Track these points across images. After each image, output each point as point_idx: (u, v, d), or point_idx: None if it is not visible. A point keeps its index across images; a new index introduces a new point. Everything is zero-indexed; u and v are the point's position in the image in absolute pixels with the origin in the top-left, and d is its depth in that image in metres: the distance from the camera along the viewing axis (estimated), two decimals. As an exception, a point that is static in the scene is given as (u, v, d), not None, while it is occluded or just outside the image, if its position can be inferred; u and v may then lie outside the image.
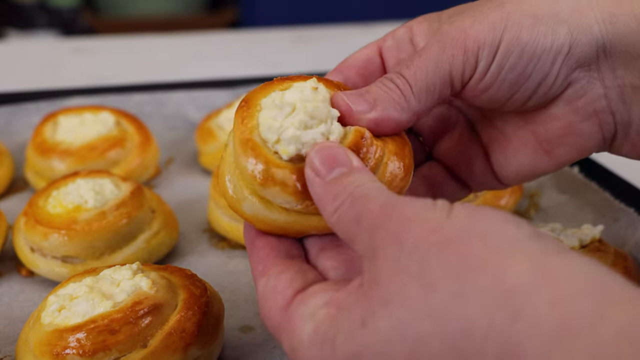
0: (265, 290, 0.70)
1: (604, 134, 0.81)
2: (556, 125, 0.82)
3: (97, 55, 2.15)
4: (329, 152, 0.69)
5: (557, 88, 0.79)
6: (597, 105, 0.80)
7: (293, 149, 0.70)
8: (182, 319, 0.84)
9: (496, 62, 0.77)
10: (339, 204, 0.65)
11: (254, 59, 2.14)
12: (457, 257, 0.56)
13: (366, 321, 0.59)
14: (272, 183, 0.70)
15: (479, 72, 0.77)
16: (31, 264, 1.06)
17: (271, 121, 0.72)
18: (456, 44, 0.77)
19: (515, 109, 0.82)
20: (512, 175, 0.86)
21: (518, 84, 0.78)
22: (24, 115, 1.51)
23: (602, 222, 1.15)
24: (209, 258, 1.14)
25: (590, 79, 0.79)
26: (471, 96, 0.80)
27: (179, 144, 1.51)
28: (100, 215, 1.05)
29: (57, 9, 3.49)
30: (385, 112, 0.75)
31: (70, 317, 0.83)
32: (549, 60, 0.77)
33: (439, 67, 0.76)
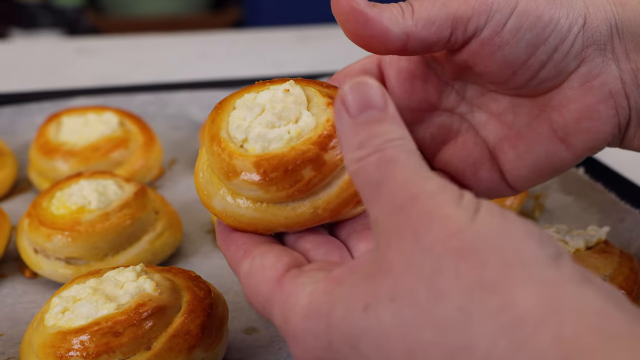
0: (250, 270, 0.69)
1: (620, 119, 0.80)
2: (572, 109, 0.80)
3: (101, 55, 2.15)
4: (366, 90, 0.64)
5: (572, 59, 0.78)
6: (613, 87, 0.79)
7: (260, 147, 0.71)
8: (186, 321, 0.84)
9: (514, 19, 0.76)
10: (363, 154, 0.62)
11: (257, 59, 2.13)
12: (471, 271, 0.55)
13: (369, 307, 0.58)
14: (235, 174, 0.71)
15: (493, 25, 0.76)
16: (35, 265, 1.06)
17: (240, 120, 0.73)
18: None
19: (528, 79, 0.80)
20: (526, 172, 0.83)
21: (536, 45, 0.77)
22: (27, 116, 1.51)
23: (607, 223, 1.15)
24: (213, 259, 1.14)
25: (605, 59, 0.79)
26: (486, 53, 0.78)
27: (183, 144, 1.51)
28: (103, 216, 1.05)
29: (61, 8, 3.49)
30: (378, 15, 0.73)
31: (74, 319, 0.83)
32: (566, 27, 0.77)
33: (446, 4, 0.75)
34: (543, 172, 0.83)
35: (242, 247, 0.72)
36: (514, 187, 0.86)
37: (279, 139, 0.71)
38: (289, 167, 0.69)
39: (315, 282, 0.63)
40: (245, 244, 0.72)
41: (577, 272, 0.55)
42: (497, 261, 0.55)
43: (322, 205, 0.71)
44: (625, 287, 0.92)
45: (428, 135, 0.87)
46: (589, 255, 0.96)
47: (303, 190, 0.70)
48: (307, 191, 0.71)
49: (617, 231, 1.14)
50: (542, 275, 0.54)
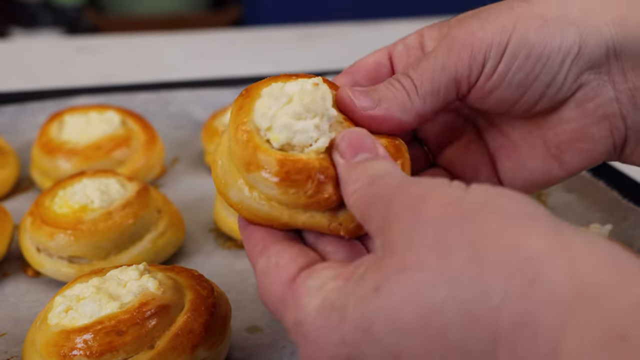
0: (266, 268, 0.69)
1: (615, 140, 0.81)
2: (566, 129, 0.81)
3: (101, 54, 2.15)
4: (357, 137, 0.70)
5: (567, 90, 0.79)
6: (608, 109, 0.79)
7: (284, 137, 0.70)
8: (189, 319, 0.84)
9: (503, 62, 0.76)
10: (358, 186, 0.66)
11: (258, 58, 2.13)
12: (474, 227, 0.56)
13: (380, 287, 0.58)
14: (256, 168, 0.70)
15: (486, 72, 0.77)
16: (37, 264, 1.06)
17: (266, 109, 0.72)
18: (463, 45, 0.77)
19: (524, 112, 0.81)
20: (519, 183, 0.85)
21: (526, 85, 0.78)
22: (29, 115, 1.51)
23: (609, 222, 1.15)
24: (215, 258, 1.14)
25: (601, 81, 0.79)
26: (478, 98, 0.79)
27: (185, 143, 1.51)
28: (106, 215, 1.05)
29: (61, 7, 3.49)
30: (389, 111, 0.75)
31: (77, 318, 0.83)
32: (558, 61, 0.77)
33: (445, 69, 0.77)
34: (536, 184, 0.85)
35: (261, 242, 0.72)
36: None
37: (303, 131, 0.71)
38: (313, 175, 0.69)
39: (327, 281, 0.64)
40: (264, 239, 0.72)
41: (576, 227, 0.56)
42: (497, 217, 0.56)
43: (342, 223, 0.71)
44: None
45: (434, 133, 0.88)
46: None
47: (322, 203, 0.70)
48: (325, 206, 0.70)
49: (619, 229, 1.14)
50: (545, 224, 0.55)
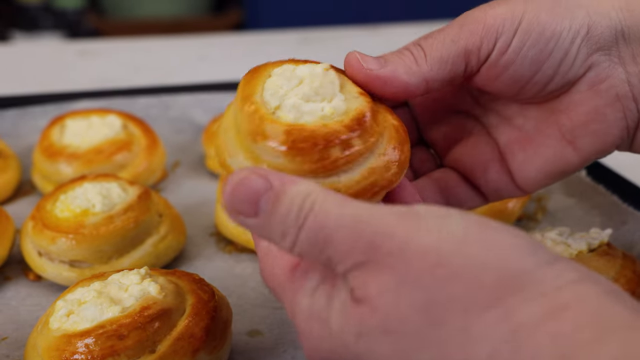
0: (269, 249, 0.69)
1: (628, 122, 0.81)
2: (580, 112, 0.81)
3: (102, 58, 2.15)
4: (242, 185, 0.62)
5: (578, 68, 0.80)
6: (619, 90, 0.80)
7: (292, 116, 0.72)
8: (190, 324, 0.84)
9: (517, 38, 0.77)
10: (292, 239, 0.61)
11: (259, 61, 2.12)
12: (465, 294, 0.55)
13: (362, 336, 0.59)
14: (262, 137, 0.71)
15: (499, 47, 0.78)
16: (39, 268, 1.06)
17: (277, 88, 0.74)
18: (475, 21, 0.78)
19: (536, 92, 0.81)
20: (534, 174, 0.84)
21: (540, 61, 0.79)
22: (30, 119, 1.51)
23: (609, 226, 1.15)
24: (216, 262, 1.14)
25: (612, 63, 0.80)
26: (491, 76, 0.80)
27: (186, 147, 1.51)
28: (107, 219, 1.05)
29: (62, 10, 3.49)
30: (395, 72, 0.76)
31: (79, 322, 0.83)
32: (569, 39, 0.78)
33: (456, 40, 0.77)
34: (551, 174, 0.84)
35: None
36: (522, 188, 0.86)
37: (311, 113, 0.72)
38: (319, 142, 0.70)
39: (316, 285, 0.64)
40: None
41: (575, 271, 0.56)
42: (491, 279, 0.55)
43: (342, 188, 0.72)
44: (627, 290, 0.93)
45: (442, 134, 0.89)
46: (591, 258, 0.96)
47: (328, 167, 0.71)
48: (331, 170, 0.71)
49: (619, 233, 1.14)
50: (541, 280, 0.54)
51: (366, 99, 0.75)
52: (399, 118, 0.78)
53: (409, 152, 0.76)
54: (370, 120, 0.73)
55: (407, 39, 0.86)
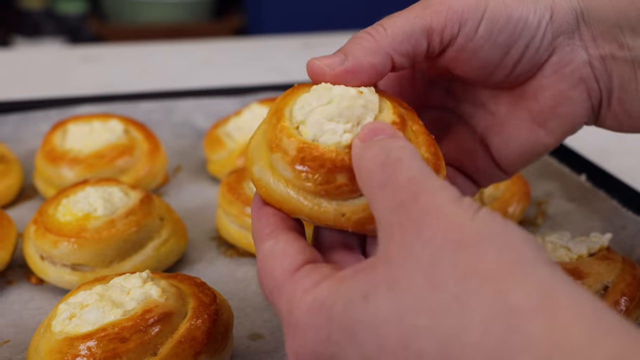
0: (272, 251, 0.70)
1: (592, 102, 0.84)
2: (547, 96, 0.84)
3: (104, 63, 2.15)
4: (377, 125, 0.70)
5: (544, 52, 0.82)
6: (583, 72, 0.83)
7: (312, 133, 0.72)
8: (191, 327, 0.85)
9: (484, 23, 0.79)
10: (372, 154, 0.67)
11: (261, 66, 2.14)
12: (469, 261, 0.56)
13: (368, 296, 0.59)
14: (277, 149, 0.73)
15: (466, 33, 0.79)
16: (41, 271, 1.07)
17: (306, 103, 0.74)
18: (440, 2, 0.79)
19: (505, 76, 0.83)
20: (513, 157, 0.87)
21: (508, 46, 0.80)
22: (32, 124, 1.52)
23: (609, 230, 1.15)
24: (218, 266, 1.14)
25: (574, 46, 0.83)
26: (462, 59, 0.81)
27: (187, 151, 1.51)
28: (109, 223, 1.06)
29: (64, 16, 3.49)
30: (357, 60, 0.76)
31: (81, 326, 0.83)
32: (535, 22, 0.80)
33: (419, 17, 0.78)
34: (527, 155, 0.87)
35: (271, 225, 0.73)
36: (505, 171, 0.89)
37: (332, 133, 0.72)
38: (327, 164, 0.71)
39: (320, 281, 0.65)
40: (275, 223, 0.73)
41: (569, 277, 0.56)
42: (494, 255, 0.56)
43: (348, 214, 0.72)
44: (627, 294, 0.93)
45: None
46: (591, 262, 0.96)
47: (330, 192, 0.71)
48: (334, 195, 0.72)
49: (619, 238, 1.14)
50: (539, 272, 0.55)
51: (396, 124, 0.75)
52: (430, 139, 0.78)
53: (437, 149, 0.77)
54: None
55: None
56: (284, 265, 0.68)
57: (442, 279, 0.56)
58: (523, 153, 0.87)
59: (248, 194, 1.15)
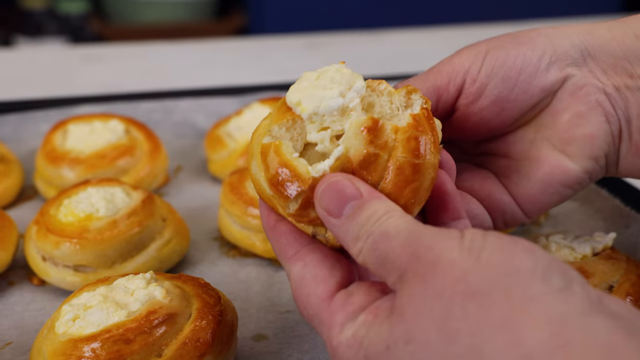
0: (302, 278, 0.71)
1: (612, 128, 0.84)
2: (564, 120, 0.84)
3: (105, 63, 2.15)
4: (336, 188, 0.68)
5: (553, 81, 0.84)
6: (599, 97, 0.83)
7: (311, 107, 0.72)
8: (196, 328, 0.84)
9: (485, 65, 0.83)
10: (361, 245, 0.66)
11: (263, 66, 2.14)
12: (480, 311, 0.56)
13: (390, 348, 0.61)
14: (263, 158, 0.73)
15: (469, 78, 0.83)
16: (43, 272, 1.06)
17: (295, 89, 0.75)
18: (442, 64, 0.85)
19: (519, 111, 0.85)
20: (534, 192, 0.86)
21: (511, 78, 0.83)
22: (32, 123, 1.52)
23: (612, 230, 1.15)
24: (220, 266, 1.14)
25: (586, 76, 0.84)
26: (473, 101, 0.84)
27: (188, 151, 1.51)
28: (111, 224, 1.06)
29: (66, 15, 3.48)
30: None
31: (85, 327, 0.83)
32: (535, 56, 0.83)
33: (425, 80, 0.83)
34: (551, 187, 0.86)
35: (294, 246, 0.74)
36: (527, 213, 0.88)
37: (329, 98, 0.72)
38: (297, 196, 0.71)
39: (359, 312, 0.66)
40: (296, 242, 0.74)
41: (587, 301, 0.56)
42: (503, 300, 0.56)
43: (329, 238, 0.73)
44: (632, 294, 0.93)
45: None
46: (595, 262, 0.96)
47: (303, 222, 0.73)
48: (308, 223, 0.73)
49: (622, 237, 1.14)
50: (549, 310, 0.55)
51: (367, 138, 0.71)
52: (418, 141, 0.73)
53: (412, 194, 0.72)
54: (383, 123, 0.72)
55: (410, 44, 0.86)
56: (318, 294, 0.70)
57: (455, 331, 0.57)
58: (547, 185, 0.86)
59: (250, 194, 1.15)
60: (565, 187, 0.86)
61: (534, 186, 0.86)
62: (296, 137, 0.74)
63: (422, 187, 0.72)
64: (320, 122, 0.73)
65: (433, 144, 0.73)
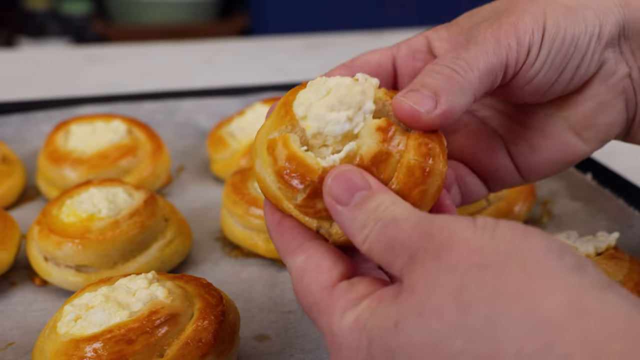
0: (304, 267, 0.70)
1: (628, 114, 0.86)
2: (588, 106, 0.85)
3: (108, 63, 2.15)
4: (345, 177, 0.68)
5: (593, 68, 0.83)
6: (625, 84, 0.84)
7: (316, 126, 0.72)
8: (198, 328, 0.84)
9: (544, 48, 0.80)
10: (367, 232, 0.65)
11: (265, 67, 2.14)
12: (495, 281, 0.56)
13: (399, 324, 0.59)
14: (271, 152, 0.73)
15: (531, 58, 0.80)
16: (45, 273, 1.06)
17: (304, 99, 0.74)
18: (509, 34, 0.78)
19: (554, 96, 0.85)
20: (539, 165, 0.88)
21: (561, 67, 0.81)
22: (34, 124, 1.52)
23: (615, 229, 1.15)
24: (222, 267, 1.14)
25: (618, 59, 0.84)
26: (519, 85, 0.82)
27: (190, 152, 1.51)
28: (114, 224, 1.05)
29: (68, 16, 3.49)
30: (450, 103, 0.73)
31: (87, 327, 0.83)
32: (585, 42, 0.81)
33: (497, 52, 0.77)
34: (559, 164, 0.88)
35: (297, 239, 0.73)
36: (525, 178, 0.90)
37: (335, 122, 0.72)
38: (306, 185, 0.71)
39: (363, 298, 0.65)
40: (300, 235, 0.73)
41: (600, 280, 0.56)
42: (519, 271, 0.56)
43: (333, 235, 0.73)
44: (635, 293, 0.92)
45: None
46: (599, 262, 0.96)
47: (309, 214, 0.73)
48: (313, 216, 0.73)
49: (625, 237, 1.14)
50: (566, 282, 0.55)
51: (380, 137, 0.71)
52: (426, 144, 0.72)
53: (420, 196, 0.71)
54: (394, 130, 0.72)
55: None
56: (320, 282, 0.68)
57: (471, 301, 0.56)
58: (553, 161, 0.88)
59: (253, 194, 1.15)
60: (568, 163, 0.88)
61: (540, 159, 0.88)
62: (300, 133, 0.74)
63: (429, 191, 0.72)
64: (322, 140, 0.73)
65: (442, 154, 0.73)
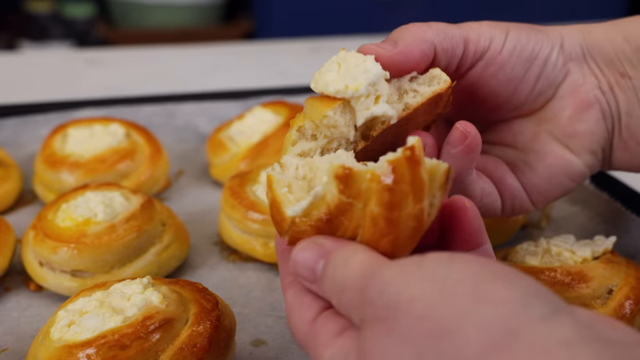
0: (293, 304, 0.72)
1: (607, 124, 0.91)
2: (565, 115, 0.91)
3: (111, 67, 2.15)
4: (304, 255, 0.69)
5: (559, 72, 0.91)
6: (596, 93, 0.91)
7: (363, 80, 0.77)
8: (193, 333, 0.84)
9: (509, 40, 0.89)
10: (335, 301, 0.67)
11: (269, 70, 2.13)
12: (454, 350, 0.54)
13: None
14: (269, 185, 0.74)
15: (495, 46, 0.89)
16: (40, 278, 1.06)
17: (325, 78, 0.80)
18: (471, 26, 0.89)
19: (527, 93, 0.91)
20: (541, 183, 0.92)
21: (529, 60, 0.89)
22: (32, 127, 1.51)
23: (613, 233, 1.14)
24: (220, 271, 1.14)
25: (585, 72, 0.91)
26: (491, 72, 0.89)
27: (189, 156, 1.51)
28: (110, 228, 1.05)
29: (71, 20, 3.49)
30: (407, 45, 0.83)
31: (80, 333, 0.82)
32: (549, 46, 0.91)
33: (458, 28, 0.88)
34: (558, 181, 0.92)
35: (291, 275, 0.74)
36: (534, 202, 0.94)
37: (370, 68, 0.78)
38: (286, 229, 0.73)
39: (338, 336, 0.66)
40: None
41: (575, 330, 0.53)
42: (477, 335, 0.53)
43: None
44: (632, 297, 0.93)
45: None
46: (596, 265, 0.96)
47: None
48: None
49: (622, 241, 1.14)
50: (531, 344, 0.52)
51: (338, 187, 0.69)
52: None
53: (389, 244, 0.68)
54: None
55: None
56: (303, 318, 0.70)
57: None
58: (554, 179, 0.92)
59: (251, 198, 1.14)
60: (568, 179, 0.92)
61: (540, 176, 0.92)
62: (348, 122, 0.77)
63: (400, 238, 0.67)
64: (374, 92, 0.77)
65: (414, 192, 0.66)
